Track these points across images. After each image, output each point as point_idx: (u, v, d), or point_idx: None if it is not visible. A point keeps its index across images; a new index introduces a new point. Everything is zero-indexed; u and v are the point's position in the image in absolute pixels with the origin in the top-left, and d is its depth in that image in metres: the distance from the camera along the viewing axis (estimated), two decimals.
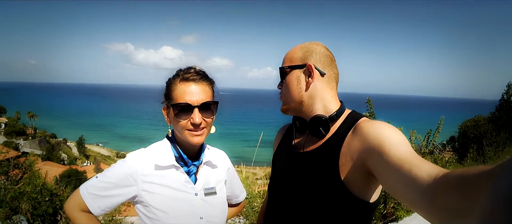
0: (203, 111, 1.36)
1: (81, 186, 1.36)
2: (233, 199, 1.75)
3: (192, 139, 1.36)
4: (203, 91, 1.37)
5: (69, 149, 58.44)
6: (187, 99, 1.33)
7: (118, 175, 1.34)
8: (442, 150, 9.65)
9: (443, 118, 7.32)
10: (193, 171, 1.44)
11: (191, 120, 1.33)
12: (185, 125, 1.34)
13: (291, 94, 1.29)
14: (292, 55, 1.31)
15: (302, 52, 1.29)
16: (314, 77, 1.24)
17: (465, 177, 0.56)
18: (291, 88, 1.29)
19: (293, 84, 1.29)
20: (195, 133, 1.36)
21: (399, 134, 1.02)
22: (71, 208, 1.34)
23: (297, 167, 1.29)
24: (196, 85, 1.36)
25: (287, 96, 1.32)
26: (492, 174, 0.46)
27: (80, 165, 40.12)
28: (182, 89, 1.34)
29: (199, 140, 1.37)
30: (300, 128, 1.34)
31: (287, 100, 1.32)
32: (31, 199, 4.05)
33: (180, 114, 1.33)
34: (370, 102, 5.40)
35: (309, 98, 1.26)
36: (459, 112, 57.33)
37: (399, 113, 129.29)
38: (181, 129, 1.36)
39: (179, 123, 1.34)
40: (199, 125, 1.34)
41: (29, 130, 63.22)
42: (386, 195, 4.64)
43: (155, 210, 1.34)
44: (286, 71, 1.31)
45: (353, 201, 1.12)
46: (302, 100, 1.27)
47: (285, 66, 1.32)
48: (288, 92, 1.31)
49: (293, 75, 1.29)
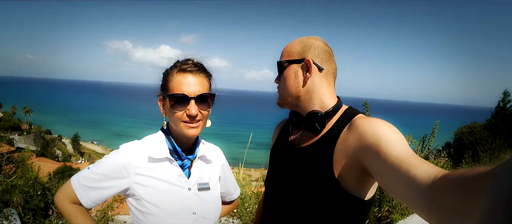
0: (200, 103, 1.34)
1: (73, 177, 1.34)
2: (227, 196, 1.73)
3: (188, 131, 1.34)
4: (200, 83, 1.35)
5: (64, 145, 58.28)
6: (184, 90, 1.30)
7: (111, 166, 1.32)
8: (437, 155, 9.67)
9: (438, 122, 7.34)
10: (187, 165, 1.42)
11: (187, 111, 1.31)
12: (180, 116, 1.32)
13: (288, 89, 1.28)
14: (291, 49, 1.30)
15: (301, 46, 1.27)
16: (312, 73, 1.23)
17: (465, 178, 0.55)
18: (288, 83, 1.28)
19: (290, 78, 1.27)
20: (190, 125, 1.33)
21: (396, 131, 1.01)
22: (61, 199, 1.31)
23: (292, 162, 1.28)
24: (193, 77, 1.34)
25: (284, 90, 1.30)
26: (491, 175, 0.46)
27: (75, 162, 39.88)
28: (179, 80, 1.32)
29: (195, 132, 1.35)
30: (296, 123, 1.34)
31: (284, 94, 1.31)
32: (23, 193, 4.02)
33: (176, 105, 1.31)
34: (366, 105, 5.40)
35: (306, 94, 1.25)
36: (454, 118, 57.55)
37: (394, 117, 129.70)
38: (176, 120, 1.33)
39: (175, 114, 1.32)
40: (195, 116, 1.32)
41: (24, 125, 63.03)
42: (381, 197, 4.64)
43: (147, 203, 1.31)
44: (284, 66, 1.29)
45: (346, 198, 1.10)
46: (299, 95, 1.26)
47: (283, 60, 1.30)
48: (285, 87, 1.29)
49: (291, 70, 1.27)
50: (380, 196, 4.54)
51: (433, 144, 7.45)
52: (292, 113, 1.36)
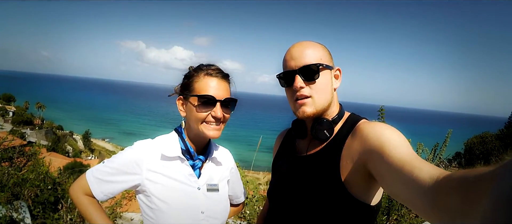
0: (224, 107, 1.39)
1: (88, 170, 1.40)
2: (234, 199, 1.76)
3: (209, 132, 1.38)
4: (225, 88, 1.41)
5: (74, 141, 58.96)
6: (212, 93, 1.35)
7: (124, 161, 1.37)
8: (448, 165, 9.53)
9: (451, 131, 7.21)
10: (198, 165, 1.45)
11: (213, 113, 1.35)
12: (204, 117, 1.36)
13: (325, 96, 1.21)
14: (321, 53, 1.22)
15: (327, 53, 1.25)
16: (339, 81, 1.25)
17: (467, 179, 0.55)
18: (326, 89, 1.21)
19: (328, 85, 1.22)
20: (213, 127, 1.38)
21: (399, 135, 1.02)
22: (76, 190, 1.38)
23: (299, 170, 1.28)
24: (219, 81, 1.39)
25: (321, 97, 1.20)
26: (493, 175, 0.45)
27: (85, 158, 40.34)
28: (206, 83, 1.37)
29: (216, 134, 1.39)
30: (300, 132, 1.33)
31: (320, 100, 1.20)
32: (34, 186, 4.07)
33: (202, 106, 1.35)
34: (382, 111, 5.31)
35: (332, 101, 1.25)
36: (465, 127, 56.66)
37: (404, 125, 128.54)
38: (198, 120, 1.37)
39: (199, 114, 1.36)
40: (219, 119, 1.36)
41: (36, 120, 63.97)
42: (390, 206, 4.59)
43: (156, 200, 1.34)
44: (320, 69, 1.19)
45: (354, 203, 1.11)
46: (330, 102, 1.23)
47: (318, 63, 1.19)
48: (322, 93, 1.20)
49: (326, 75, 1.22)
50: (389, 205, 4.49)
51: (444, 153, 7.34)
52: (295, 122, 1.36)
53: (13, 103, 73.79)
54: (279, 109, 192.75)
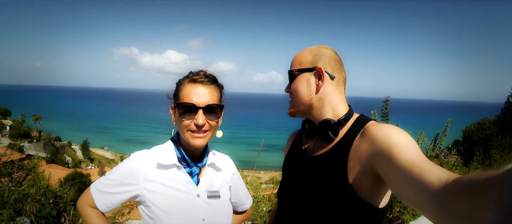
0: (208, 113, 1.36)
1: (92, 183, 1.43)
2: (240, 206, 1.74)
3: (193, 140, 1.36)
4: (209, 94, 1.38)
5: (73, 152, 58.65)
6: (193, 100, 1.34)
7: (122, 172, 1.38)
8: (448, 153, 9.56)
9: (450, 120, 7.22)
10: (195, 172, 1.44)
11: (195, 121, 1.34)
12: (188, 125, 1.35)
13: (300, 97, 1.28)
14: (301, 58, 1.30)
15: (312, 55, 1.28)
16: (324, 81, 1.23)
17: (475, 182, 0.55)
18: (300, 91, 1.28)
19: (303, 87, 1.28)
20: (196, 135, 1.36)
21: (407, 137, 1.01)
22: (82, 203, 1.41)
23: (306, 171, 1.28)
24: (203, 88, 1.37)
25: (296, 99, 1.30)
26: (501, 179, 0.45)
27: (85, 168, 40.30)
28: (189, 90, 1.36)
29: (200, 143, 1.37)
30: (309, 132, 1.35)
31: (296, 103, 1.31)
32: (36, 201, 4.05)
33: (184, 114, 1.35)
34: (387, 103, 5.28)
35: (319, 101, 1.25)
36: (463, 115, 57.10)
37: (404, 116, 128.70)
38: (184, 128, 1.36)
39: (183, 122, 1.35)
40: (202, 126, 1.35)
41: (34, 133, 63.68)
42: (392, 199, 4.60)
43: (156, 209, 1.34)
44: (295, 74, 1.30)
45: (361, 205, 1.10)
46: (311, 103, 1.26)
47: (294, 69, 1.30)
48: (297, 95, 1.29)
49: (303, 78, 1.28)
50: (391, 197, 4.50)
51: (444, 142, 7.36)
52: (305, 122, 1.37)
53: (9, 117, 73.36)
54: (275, 107, 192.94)
